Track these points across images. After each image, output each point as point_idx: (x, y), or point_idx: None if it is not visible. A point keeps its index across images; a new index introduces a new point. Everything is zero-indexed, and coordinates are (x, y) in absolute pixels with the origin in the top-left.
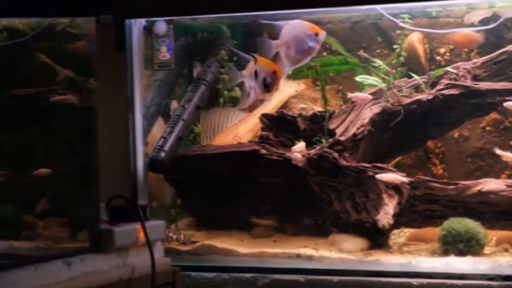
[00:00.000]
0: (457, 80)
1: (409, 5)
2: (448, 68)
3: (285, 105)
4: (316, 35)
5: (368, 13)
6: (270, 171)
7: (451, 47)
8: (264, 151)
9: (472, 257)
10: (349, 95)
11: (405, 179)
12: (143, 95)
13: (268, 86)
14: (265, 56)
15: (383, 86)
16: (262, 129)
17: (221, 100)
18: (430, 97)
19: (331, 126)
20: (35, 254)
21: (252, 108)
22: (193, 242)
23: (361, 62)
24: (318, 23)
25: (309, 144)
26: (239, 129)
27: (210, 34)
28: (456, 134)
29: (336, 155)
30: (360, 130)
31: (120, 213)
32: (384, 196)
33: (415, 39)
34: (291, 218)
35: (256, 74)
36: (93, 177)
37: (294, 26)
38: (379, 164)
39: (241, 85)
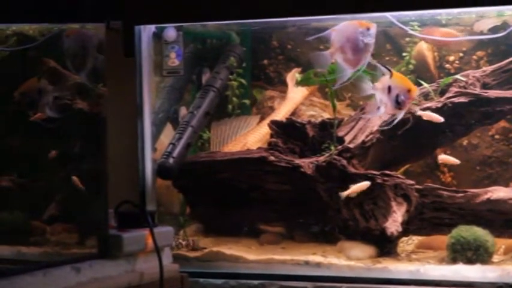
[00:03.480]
0: (466, 88)
1: (418, 13)
2: (458, 76)
3: (294, 112)
4: (368, 29)
5: (378, 20)
6: (278, 177)
7: (461, 54)
8: (272, 158)
9: (480, 265)
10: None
11: None
12: (152, 101)
13: (401, 104)
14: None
15: None
16: (271, 136)
17: (230, 107)
18: (439, 105)
19: (340, 134)
20: (43, 259)
21: (262, 118)
22: (196, 249)
23: (370, 69)
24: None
25: (318, 151)
26: (248, 139)
27: (220, 40)
28: (465, 142)
29: (344, 162)
30: (368, 137)
31: (128, 219)
32: (393, 204)
33: (424, 46)
34: (299, 224)
35: (389, 89)
36: (102, 183)
37: (343, 28)
38: (387, 172)
39: (248, 94)
